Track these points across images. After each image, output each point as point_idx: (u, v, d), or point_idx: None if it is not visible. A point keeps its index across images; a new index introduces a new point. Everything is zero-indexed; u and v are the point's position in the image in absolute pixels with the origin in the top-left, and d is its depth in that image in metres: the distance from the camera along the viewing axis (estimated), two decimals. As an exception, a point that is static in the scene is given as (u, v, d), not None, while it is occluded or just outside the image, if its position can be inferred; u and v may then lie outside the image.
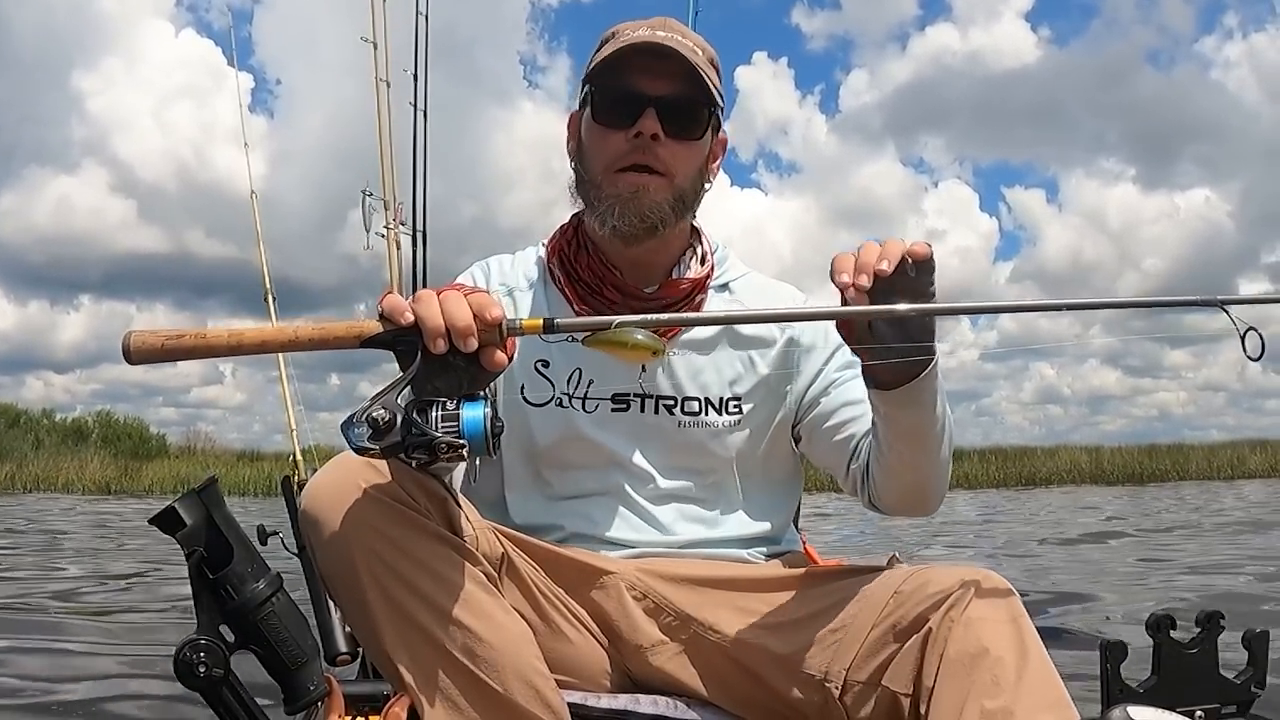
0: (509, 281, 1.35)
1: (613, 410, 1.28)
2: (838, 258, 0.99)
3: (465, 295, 0.94)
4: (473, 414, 0.91)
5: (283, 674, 1.04)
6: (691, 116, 1.24)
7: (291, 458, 2.15)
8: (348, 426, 0.90)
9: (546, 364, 1.29)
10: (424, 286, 2.28)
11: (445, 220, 2.68)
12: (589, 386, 1.28)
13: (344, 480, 1.02)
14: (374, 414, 0.89)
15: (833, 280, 0.99)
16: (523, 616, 1.10)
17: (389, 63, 2.73)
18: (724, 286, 1.35)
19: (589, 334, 0.98)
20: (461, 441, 0.90)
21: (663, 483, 1.28)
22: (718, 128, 1.30)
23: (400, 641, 1.01)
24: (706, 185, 1.31)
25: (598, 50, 1.28)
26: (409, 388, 0.93)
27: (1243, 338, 0.95)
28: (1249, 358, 0.95)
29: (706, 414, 1.29)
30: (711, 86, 1.24)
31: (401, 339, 0.94)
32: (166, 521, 1.01)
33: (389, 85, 2.72)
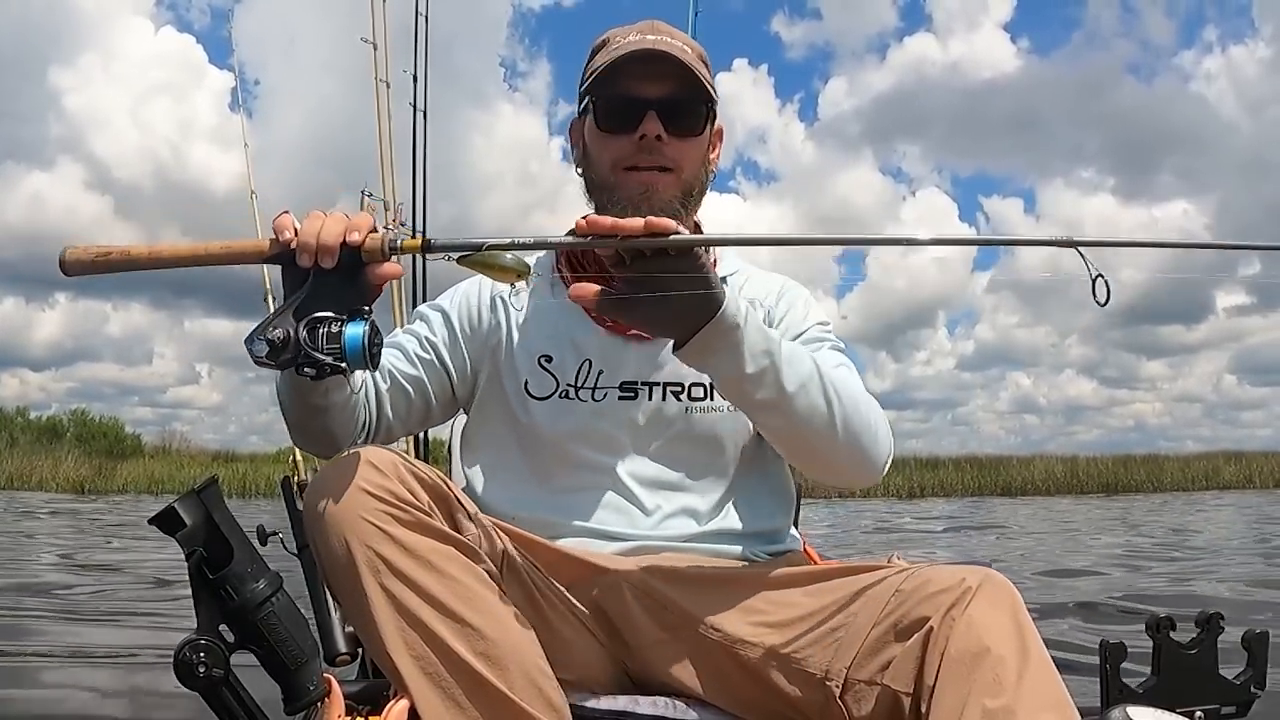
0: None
1: (620, 399, 1.29)
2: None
3: (346, 217, 1.02)
4: (353, 332, 1.00)
5: (282, 674, 1.04)
6: (691, 114, 1.30)
7: (291, 458, 2.15)
8: (251, 341, 0.99)
9: (550, 358, 1.31)
10: (425, 286, 2.28)
11: (427, 222, 2.70)
12: (598, 377, 1.30)
13: (346, 479, 1.02)
14: (271, 334, 0.99)
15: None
16: (523, 614, 1.10)
17: (389, 64, 2.72)
18: (722, 280, 1.35)
19: (464, 255, 1.05)
20: (342, 364, 0.99)
21: (667, 474, 1.29)
22: (714, 120, 1.34)
23: (402, 640, 1.01)
24: (710, 176, 1.37)
25: (591, 59, 1.32)
26: (304, 302, 1.01)
27: (1094, 282, 1.00)
28: (1098, 303, 1.00)
29: (712, 398, 1.30)
30: (705, 83, 1.29)
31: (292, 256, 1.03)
32: (166, 522, 1.01)
33: (389, 86, 2.71)
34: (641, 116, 1.27)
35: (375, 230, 1.02)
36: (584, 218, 1.00)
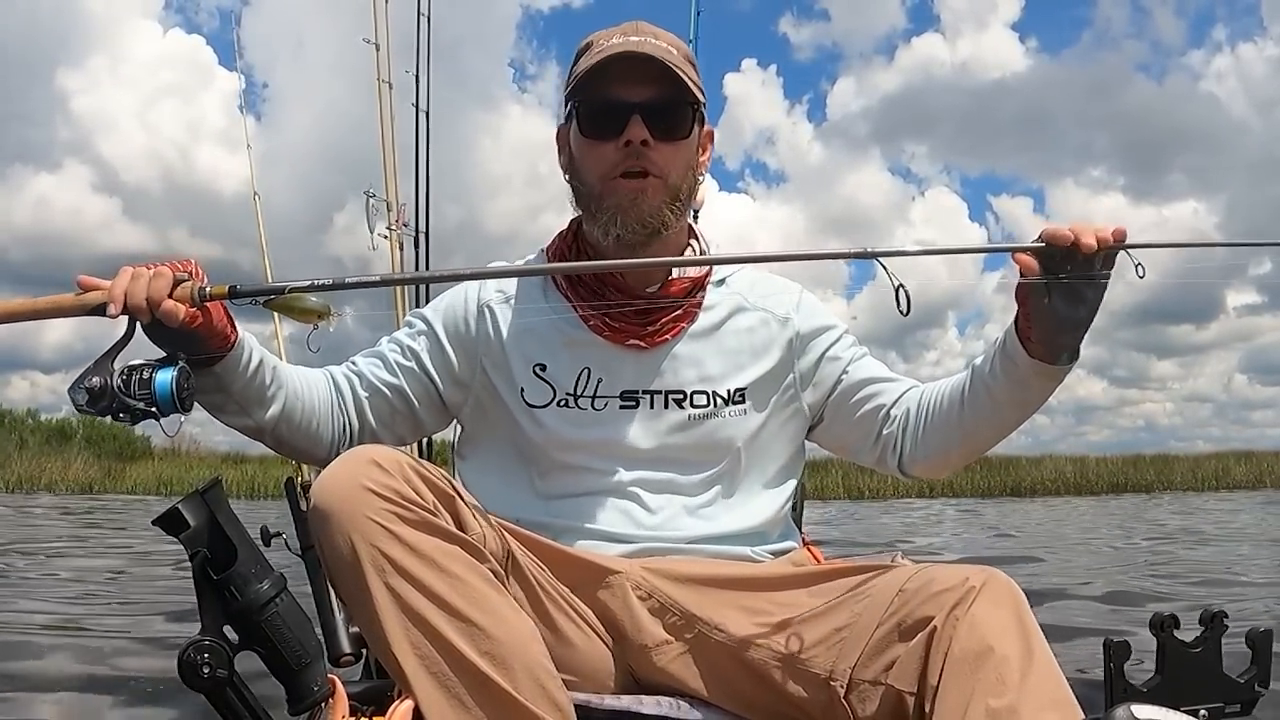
0: (509, 288, 1.35)
1: (621, 408, 1.29)
2: (1078, 227, 1.10)
3: (151, 271, 1.08)
4: (162, 379, 1.05)
5: (287, 675, 1.04)
6: (676, 117, 1.27)
7: (295, 459, 2.15)
8: (73, 390, 1.04)
9: (544, 367, 1.30)
10: (428, 290, 2.27)
11: (430, 223, 2.69)
12: (598, 385, 1.29)
13: (352, 478, 1.02)
14: (89, 383, 1.04)
15: (1070, 237, 1.09)
16: (527, 614, 1.10)
17: (391, 64, 2.72)
18: (720, 282, 1.36)
19: (269, 299, 1.11)
20: (153, 409, 1.05)
21: (670, 477, 1.28)
22: (702, 122, 1.32)
23: (407, 639, 1.01)
24: (699, 180, 1.35)
25: (575, 63, 1.30)
26: (120, 350, 1.07)
27: (896, 291, 1.06)
28: (900, 313, 1.06)
29: (714, 406, 1.30)
30: (690, 84, 1.26)
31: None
32: (170, 523, 1.01)
33: (391, 87, 2.71)
34: (626, 121, 1.24)
35: (182, 281, 1.08)
36: None
